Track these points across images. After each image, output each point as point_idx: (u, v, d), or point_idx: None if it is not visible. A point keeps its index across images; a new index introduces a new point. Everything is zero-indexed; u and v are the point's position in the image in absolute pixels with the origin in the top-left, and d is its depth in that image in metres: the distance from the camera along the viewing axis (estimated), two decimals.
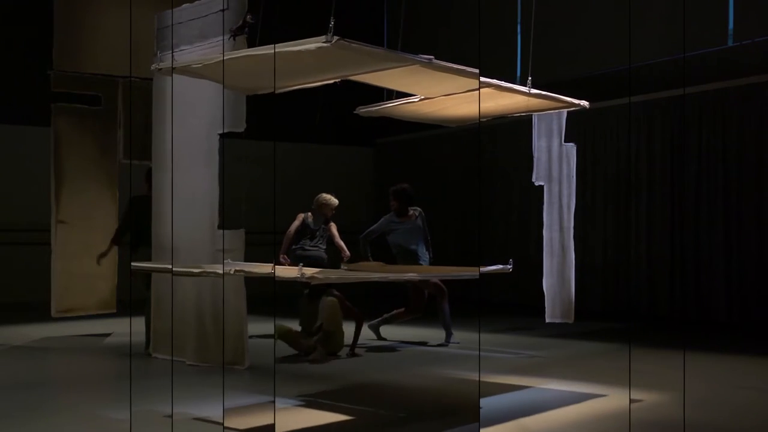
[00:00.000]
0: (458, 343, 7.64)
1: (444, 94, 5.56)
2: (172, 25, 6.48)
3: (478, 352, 7.23)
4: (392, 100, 6.09)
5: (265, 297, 8.15)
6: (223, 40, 5.95)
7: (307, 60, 4.31)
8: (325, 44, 3.95)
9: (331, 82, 4.97)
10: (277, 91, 4.91)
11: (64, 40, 8.32)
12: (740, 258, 9.08)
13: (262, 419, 4.62)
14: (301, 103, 9.96)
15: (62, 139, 8.37)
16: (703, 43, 9.35)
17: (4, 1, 11.21)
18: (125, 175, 8.76)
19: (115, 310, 8.68)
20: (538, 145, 7.83)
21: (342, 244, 7.90)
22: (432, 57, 4.50)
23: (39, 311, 8.89)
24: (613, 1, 10.33)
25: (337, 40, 3.94)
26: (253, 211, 8.83)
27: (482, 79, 4.97)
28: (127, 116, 8.47)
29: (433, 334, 8.03)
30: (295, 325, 7.22)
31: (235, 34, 6.04)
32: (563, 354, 7.27)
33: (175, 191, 6.53)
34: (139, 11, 8.20)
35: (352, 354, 7.05)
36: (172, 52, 6.42)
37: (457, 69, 4.73)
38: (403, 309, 7.76)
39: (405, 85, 5.39)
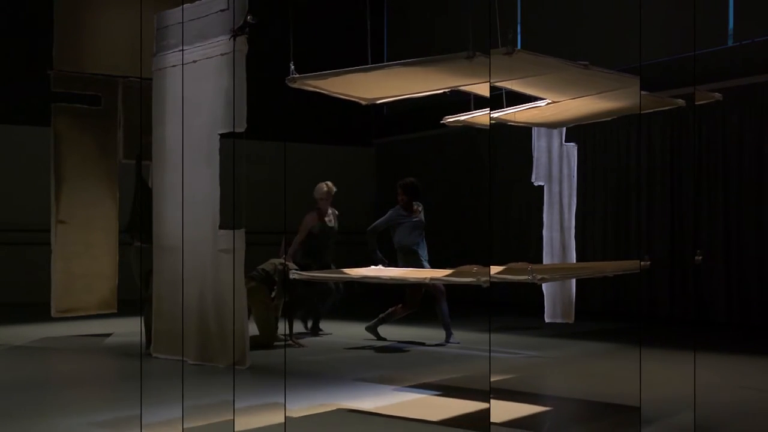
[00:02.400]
0: (458, 343, 7.65)
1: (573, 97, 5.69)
2: (183, 22, 6.48)
3: (488, 353, 7.23)
4: (515, 106, 6.13)
5: None
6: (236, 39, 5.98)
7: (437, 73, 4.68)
8: (506, 55, 4.20)
9: (441, 91, 5.19)
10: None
11: (64, 40, 8.33)
12: (740, 258, 9.08)
13: (267, 419, 4.62)
14: (302, 104, 9.96)
15: (62, 139, 8.37)
16: (703, 43, 9.35)
17: (4, 1, 11.21)
18: (125, 175, 8.77)
19: (115, 310, 8.67)
20: (538, 145, 7.84)
21: None
22: (587, 62, 4.73)
23: (39, 311, 8.89)
24: (613, 1, 10.33)
25: (479, 56, 4.26)
26: (253, 212, 8.83)
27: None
28: (128, 116, 8.47)
29: (431, 334, 8.03)
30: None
31: (235, 34, 6.04)
32: (563, 354, 7.27)
33: (175, 191, 6.54)
34: (139, 11, 8.21)
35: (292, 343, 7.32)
36: (183, 50, 6.41)
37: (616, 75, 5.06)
38: (399, 305, 7.76)
39: (542, 91, 5.55)
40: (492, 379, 5.99)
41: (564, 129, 7.83)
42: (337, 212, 8.22)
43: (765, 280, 8.84)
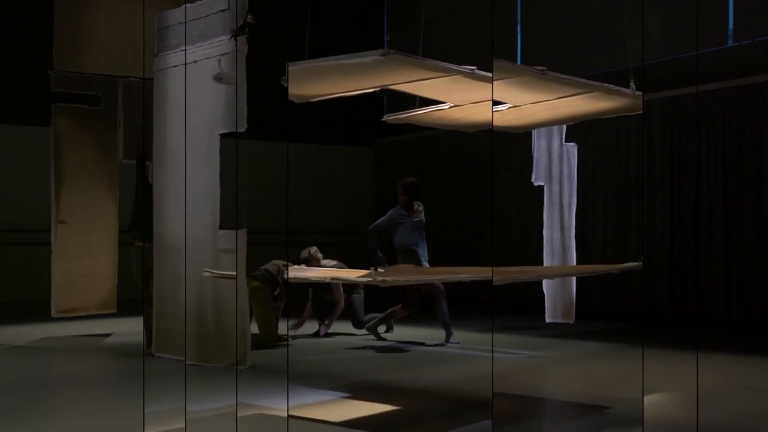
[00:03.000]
0: (458, 342, 7.65)
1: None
2: (185, 22, 6.47)
3: (491, 353, 7.23)
4: (421, 107, 6.16)
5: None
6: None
7: (358, 70, 4.63)
8: (381, 57, 4.24)
9: (371, 90, 5.16)
10: (319, 99, 5.33)
11: (64, 40, 8.32)
12: (740, 258, 9.08)
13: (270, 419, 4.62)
14: (302, 104, 9.93)
15: (62, 138, 8.37)
16: (703, 43, 9.35)
17: (4, 1, 11.21)
18: (125, 175, 8.77)
19: (115, 310, 8.67)
20: (538, 145, 7.84)
21: None
22: (474, 67, 4.77)
23: (39, 311, 8.89)
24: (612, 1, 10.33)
25: (393, 53, 4.25)
26: (254, 212, 8.83)
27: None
28: (128, 116, 8.47)
29: (431, 334, 8.03)
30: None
31: (236, 34, 6.04)
32: (563, 354, 7.27)
33: (176, 191, 6.53)
34: (139, 11, 8.21)
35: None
36: (185, 50, 6.40)
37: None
38: (399, 306, 7.76)
39: (442, 94, 5.55)
40: (497, 380, 5.99)
41: (564, 129, 7.84)
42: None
43: (765, 280, 8.84)
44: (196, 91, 6.27)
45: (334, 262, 8.18)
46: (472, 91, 5.32)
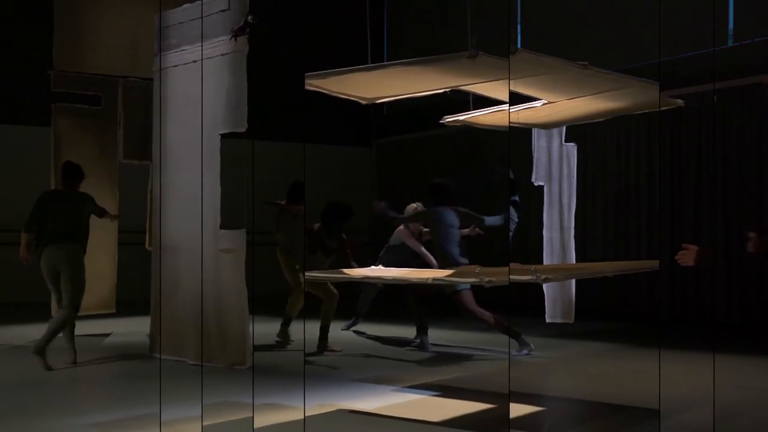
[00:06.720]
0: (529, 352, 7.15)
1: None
2: (188, 21, 6.48)
3: (508, 354, 7.23)
4: (479, 109, 6.19)
5: (267, 297, 8.15)
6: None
7: (439, 71, 4.70)
8: (468, 59, 4.30)
9: (441, 91, 5.19)
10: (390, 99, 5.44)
11: (64, 40, 8.32)
12: (740, 258, 9.08)
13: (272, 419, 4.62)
14: (302, 104, 9.97)
15: (62, 138, 8.36)
16: (703, 43, 9.35)
17: (4, 1, 11.21)
18: (125, 174, 8.77)
19: (114, 310, 8.67)
20: (538, 145, 7.84)
21: None
22: (587, 62, 4.78)
23: (39, 311, 8.88)
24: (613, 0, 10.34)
25: (482, 55, 4.31)
26: (255, 212, 8.81)
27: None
28: (128, 116, 8.46)
29: (438, 335, 8.02)
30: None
31: (236, 34, 6.04)
32: (563, 354, 7.27)
33: (176, 191, 6.54)
34: (139, 11, 8.21)
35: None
36: (202, 47, 6.39)
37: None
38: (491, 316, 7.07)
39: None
40: (492, 379, 5.99)
41: (564, 129, 7.84)
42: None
43: (765, 280, 8.84)
44: (197, 91, 6.27)
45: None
46: (573, 87, 5.33)
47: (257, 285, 5.46)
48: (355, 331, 8.58)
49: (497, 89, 5.37)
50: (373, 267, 5.84)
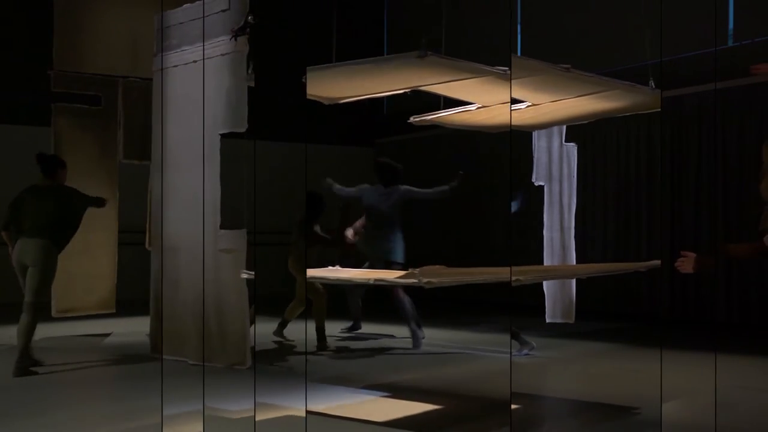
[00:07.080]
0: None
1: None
2: (188, 21, 6.46)
3: (509, 354, 7.23)
4: (448, 108, 6.18)
5: (268, 297, 8.16)
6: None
7: (392, 71, 4.67)
8: (417, 59, 4.24)
9: (401, 91, 5.17)
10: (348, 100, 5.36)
11: (64, 40, 8.31)
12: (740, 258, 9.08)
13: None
14: (302, 104, 9.94)
15: (62, 138, 8.36)
16: (703, 43, 9.35)
17: (4, 1, 11.20)
18: (125, 174, 8.76)
19: (114, 310, 8.66)
20: (538, 145, 7.83)
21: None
22: (507, 69, 4.75)
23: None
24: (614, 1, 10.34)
25: (431, 55, 4.26)
26: (255, 212, 8.83)
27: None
28: (128, 116, 8.46)
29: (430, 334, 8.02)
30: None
31: (236, 34, 6.03)
32: (563, 354, 7.27)
33: (176, 191, 6.53)
34: (139, 11, 8.20)
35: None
36: (203, 47, 6.38)
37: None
38: None
39: (472, 94, 5.57)
40: (491, 380, 5.99)
41: (564, 129, 7.83)
42: None
43: (765, 280, 8.84)
44: (196, 91, 6.26)
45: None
46: (501, 92, 5.33)
47: (257, 285, 5.46)
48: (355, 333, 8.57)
49: (457, 90, 5.34)
50: (330, 267, 5.85)
